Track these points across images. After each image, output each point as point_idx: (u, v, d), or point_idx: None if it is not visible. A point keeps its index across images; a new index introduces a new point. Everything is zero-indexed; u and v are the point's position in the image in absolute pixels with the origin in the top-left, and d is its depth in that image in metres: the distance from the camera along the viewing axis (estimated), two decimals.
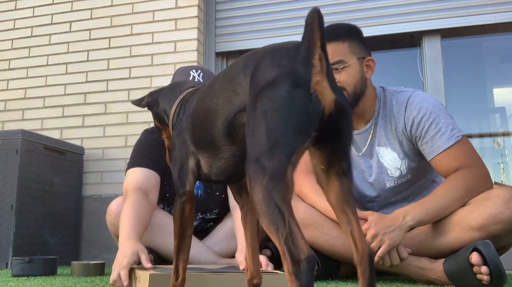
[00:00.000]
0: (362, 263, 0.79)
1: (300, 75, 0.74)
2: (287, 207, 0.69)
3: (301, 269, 0.64)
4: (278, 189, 0.70)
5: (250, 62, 0.84)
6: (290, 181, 0.71)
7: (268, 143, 0.71)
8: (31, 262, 1.99)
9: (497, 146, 3.26)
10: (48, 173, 2.78)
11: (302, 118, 0.72)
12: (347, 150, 0.83)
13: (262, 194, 0.70)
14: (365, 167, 1.83)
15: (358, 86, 1.73)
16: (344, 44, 1.72)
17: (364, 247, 0.79)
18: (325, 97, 0.75)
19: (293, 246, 0.66)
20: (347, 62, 1.71)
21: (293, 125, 0.72)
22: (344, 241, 1.61)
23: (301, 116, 0.72)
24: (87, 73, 3.30)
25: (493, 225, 1.43)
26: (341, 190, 0.83)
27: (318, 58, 0.75)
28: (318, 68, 0.75)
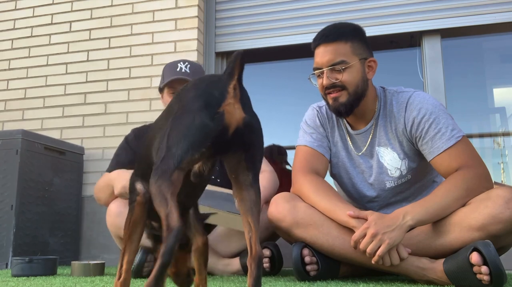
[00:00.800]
0: (252, 265, 0.94)
1: (212, 97, 0.94)
2: (170, 195, 0.89)
3: (169, 236, 0.86)
4: (165, 184, 0.90)
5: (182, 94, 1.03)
6: (176, 180, 0.91)
7: (166, 153, 0.93)
8: (31, 262, 1.99)
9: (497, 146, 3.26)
10: (48, 173, 2.78)
11: (198, 135, 0.91)
12: (254, 162, 0.99)
13: (154, 188, 0.91)
14: (365, 167, 1.84)
15: (360, 86, 1.73)
16: (346, 44, 1.72)
17: (256, 252, 0.95)
18: (233, 115, 0.93)
19: (170, 221, 0.87)
20: (349, 62, 1.71)
21: (187, 140, 0.91)
22: (344, 241, 1.61)
23: (197, 133, 0.91)
24: (87, 73, 3.30)
25: (493, 225, 1.43)
26: (246, 200, 0.99)
27: (233, 87, 0.94)
28: (231, 94, 0.94)
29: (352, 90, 1.72)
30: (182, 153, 0.91)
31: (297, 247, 1.66)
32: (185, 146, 0.91)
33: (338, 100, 1.74)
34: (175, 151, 0.92)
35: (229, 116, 0.93)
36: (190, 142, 0.91)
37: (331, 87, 1.73)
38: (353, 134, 1.84)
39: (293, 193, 1.77)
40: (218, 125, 0.92)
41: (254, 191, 0.99)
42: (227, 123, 0.93)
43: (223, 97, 0.93)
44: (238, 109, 0.94)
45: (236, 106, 0.94)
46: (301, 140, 1.88)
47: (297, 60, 3.53)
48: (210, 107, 0.92)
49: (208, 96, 0.94)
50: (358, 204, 1.90)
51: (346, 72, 1.71)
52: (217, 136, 0.93)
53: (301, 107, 2.60)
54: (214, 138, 0.92)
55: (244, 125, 0.94)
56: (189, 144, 0.91)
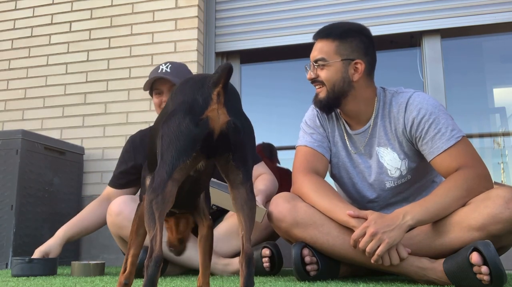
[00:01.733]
0: (242, 264, 0.97)
1: (196, 104, 0.98)
2: (159, 215, 0.93)
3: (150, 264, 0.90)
4: (156, 200, 0.93)
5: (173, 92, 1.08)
6: (168, 193, 0.94)
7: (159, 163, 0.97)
8: (31, 262, 1.99)
9: (497, 146, 3.26)
10: (48, 173, 2.78)
11: (185, 141, 0.95)
12: (243, 161, 1.01)
13: (147, 202, 0.95)
14: (364, 167, 1.84)
15: (336, 86, 1.76)
16: (332, 43, 1.77)
17: (247, 251, 0.97)
18: (217, 120, 0.97)
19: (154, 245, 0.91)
20: (327, 61, 1.76)
21: (176, 147, 0.95)
22: (344, 241, 1.61)
23: (184, 139, 0.95)
24: (87, 73, 3.30)
25: (493, 225, 1.43)
26: (237, 198, 1.02)
27: (216, 94, 0.98)
28: (215, 100, 0.98)
29: (330, 88, 1.78)
30: (173, 160, 0.95)
31: (297, 247, 1.66)
32: (175, 153, 0.95)
33: (318, 96, 1.82)
34: (166, 158, 0.96)
35: (213, 122, 0.97)
36: (178, 149, 0.95)
37: (314, 81, 1.82)
38: (351, 134, 1.85)
39: (293, 193, 1.77)
40: (203, 130, 0.96)
41: (245, 189, 1.01)
42: (211, 127, 0.97)
43: (206, 104, 0.98)
44: (222, 114, 0.98)
45: (221, 111, 0.98)
46: (301, 140, 1.88)
47: (296, 60, 3.53)
48: (194, 114, 0.97)
49: (193, 102, 0.98)
50: (358, 205, 1.90)
51: (324, 70, 1.78)
52: (204, 141, 0.97)
53: (301, 107, 2.60)
54: (201, 142, 0.96)
55: (228, 128, 0.98)
56: (177, 151, 0.95)
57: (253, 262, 0.97)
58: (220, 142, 0.98)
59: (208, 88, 0.99)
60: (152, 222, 0.93)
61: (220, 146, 0.99)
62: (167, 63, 2.21)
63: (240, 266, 0.97)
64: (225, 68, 0.98)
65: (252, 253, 0.98)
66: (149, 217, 0.93)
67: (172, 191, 0.95)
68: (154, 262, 0.90)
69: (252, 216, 1.01)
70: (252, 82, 3.56)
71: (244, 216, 1.01)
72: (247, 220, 1.00)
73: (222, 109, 0.99)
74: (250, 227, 1.00)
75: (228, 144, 0.99)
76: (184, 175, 0.98)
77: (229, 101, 1.00)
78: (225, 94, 1.00)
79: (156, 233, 0.91)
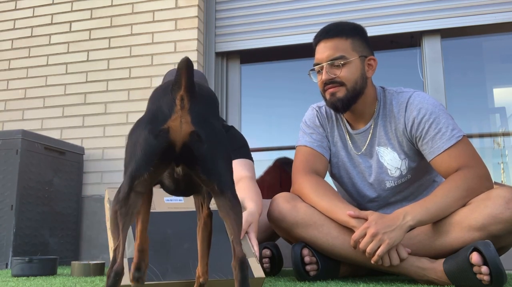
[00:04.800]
0: (236, 268, 0.94)
1: (160, 112, 0.92)
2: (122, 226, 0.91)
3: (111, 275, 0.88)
4: (120, 211, 0.92)
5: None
6: (132, 204, 0.92)
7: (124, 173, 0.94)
8: (31, 262, 1.99)
9: (497, 146, 3.26)
10: (48, 173, 2.78)
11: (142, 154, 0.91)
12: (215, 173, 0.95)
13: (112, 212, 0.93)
14: (364, 167, 1.84)
15: (358, 83, 1.74)
16: (346, 41, 1.74)
17: (238, 255, 0.94)
18: (179, 131, 0.90)
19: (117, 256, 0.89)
20: (348, 58, 1.72)
21: (135, 160, 0.92)
22: (344, 241, 1.61)
23: (142, 152, 0.91)
24: (87, 73, 3.30)
25: (493, 225, 1.43)
26: (221, 206, 0.97)
27: (180, 98, 0.91)
28: (178, 106, 0.91)
29: (351, 86, 1.73)
30: (132, 173, 0.91)
31: (297, 247, 1.66)
32: (134, 165, 0.91)
33: (336, 95, 1.74)
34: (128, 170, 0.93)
35: (174, 133, 0.90)
36: (137, 162, 0.91)
37: (330, 83, 1.74)
38: (352, 133, 1.85)
39: (293, 193, 1.77)
40: (161, 142, 0.90)
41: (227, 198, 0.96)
42: (171, 140, 0.90)
43: (170, 112, 0.91)
44: (185, 124, 0.90)
45: (184, 120, 0.90)
46: (301, 140, 1.88)
47: (297, 60, 3.53)
48: (155, 124, 0.91)
49: (156, 111, 0.93)
50: (358, 204, 1.90)
51: (345, 68, 1.72)
52: (164, 154, 0.91)
53: (301, 107, 2.60)
54: (159, 156, 0.90)
55: (191, 140, 0.91)
56: (136, 164, 0.91)
57: (246, 264, 0.94)
58: (184, 154, 0.92)
59: (171, 92, 0.91)
60: (116, 234, 0.91)
61: (184, 159, 0.93)
62: None
63: (234, 270, 0.94)
64: (182, 63, 0.88)
65: (244, 256, 0.95)
66: (114, 228, 0.92)
67: (136, 203, 0.92)
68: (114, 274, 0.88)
69: (239, 220, 0.97)
70: (252, 82, 3.56)
71: (231, 221, 0.97)
72: (234, 224, 0.97)
73: (186, 117, 0.90)
74: (238, 230, 0.96)
75: (193, 157, 0.92)
76: (148, 185, 0.94)
77: (196, 107, 0.92)
78: (190, 97, 0.91)
79: (119, 244, 0.90)
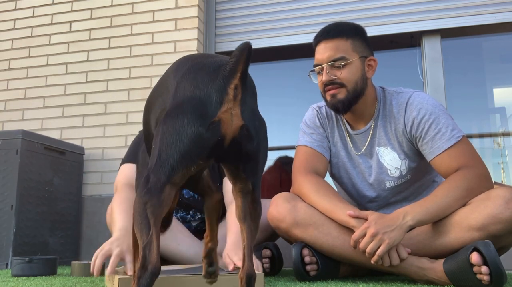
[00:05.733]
0: (242, 281, 0.88)
1: (210, 103, 0.83)
2: (154, 220, 0.79)
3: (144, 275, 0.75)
4: (152, 203, 0.80)
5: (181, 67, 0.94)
6: (166, 197, 0.82)
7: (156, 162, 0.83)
8: (31, 262, 1.99)
9: (497, 146, 3.26)
10: (48, 173, 2.78)
11: (191, 145, 0.82)
12: (254, 171, 0.90)
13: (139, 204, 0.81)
14: (364, 167, 1.84)
15: (358, 84, 1.74)
16: (347, 41, 1.73)
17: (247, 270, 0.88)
18: (230, 124, 0.83)
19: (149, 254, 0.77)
20: (348, 59, 1.72)
21: (179, 150, 0.82)
22: (344, 241, 1.61)
23: (190, 143, 0.82)
24: (87, 73, 3.30)
25: (493, 225, 1.43)
26: (242, 207, 0.92)
27: (234, 87, 0.83)
28: (231, 96, 0.83)
29: (351, 87, 1.73)
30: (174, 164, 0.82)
31: (297, 247, 1.66)
32: (177, 156, 0.82)
33: (336, 97, 1.74)
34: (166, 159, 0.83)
35: (225, 126, 0.83)
36: (182, 153, 0.82)
37: (330, 84, 1.74)
38: (352, 134, 1.84)
39: (293, 193, 1.77)
40: (213, 135, 0.83)
41: (252, 199, 0.92)
42: (222, 133, 0.83)
43: (220, 102, 0.83)
44: (236, 117, 0.84)
45: (234, 112, 0.84)
46: (301, 141, 1.88)
47: (297, 60, 3.52)
48: (205, 115, 0.82)
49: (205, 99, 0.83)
50: (358, 204, 1.90)
51: (346, 69, 1.72)
52: (212, 147, 0.84)
53: (301, 107, 2.60)
54: (209, 149, 0.83)
55: (241, 135, 0.85)
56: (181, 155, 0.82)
57: (254, 279, 0.88)
58: (231, 149, 0.85)
59: (223, 79, 0.83)
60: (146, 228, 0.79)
61: (230, 154, 0.87)
62: None
63: (240, 282, 0.88)
64: (243, 49, 0.81)
65: (254, 272, 0.89)
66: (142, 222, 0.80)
67: (171, 195, 0.83)
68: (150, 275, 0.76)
69: (255, 228, 0.92)
70: None
71: (247, 228, 0.91)
72: (249, 233, 0.91)
73: (236, 110, 0.84)
74: (252, 240, 0.91)
75: (240, 154, 0.87)
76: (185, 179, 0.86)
77: (245, 99, 0.86)
78: (243, 88, 0.84)
79: (151, 240, 0.78)
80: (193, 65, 0.91)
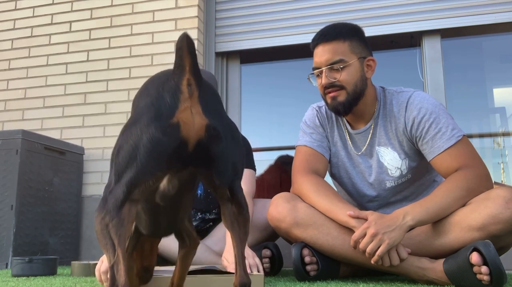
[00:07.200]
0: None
1: (164, 105, 0.76)
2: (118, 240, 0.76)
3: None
4: (113, 223, 0.76)
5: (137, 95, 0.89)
6: (126, 214, 0.77)
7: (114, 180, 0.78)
8: (31, 262, 1.99)
9: (497, 146, 3.26)
10: (48, 173, 2.78)
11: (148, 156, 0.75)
12: (228, 176, 0.82)
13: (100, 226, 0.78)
14: (365, 167, 1.84)
15: (358, 86, 1.73)
16: (345, 43, 1.73)
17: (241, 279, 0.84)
18: (192, 125, 0.75)
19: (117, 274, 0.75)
20: (347, 61, 1.71)
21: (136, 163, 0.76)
22: (344, 241, 1.61)
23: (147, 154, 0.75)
24: (87, 73, 3.30)
25: (493, 225, 1.43)
26: (227, 215, 0.87)
27: (187, 83, 0.76)
28: (186, 94, 0.76)
29: (351, 89, 1.72)
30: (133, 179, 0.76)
31: (297, 247, 1.66)
32: (135, 170, 0.75)
33: (337, 99, 1.74)
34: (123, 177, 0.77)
35: (186, 127, 0.75)
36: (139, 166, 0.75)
37: (330, 87, 1.73)
38: (352, 133, 1.84)
39: (293, 193, 1.77)
40: (172, 140, 0.75)
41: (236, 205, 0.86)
42: (184, 136, 0.75)
43: (176, 102, 0.75)
44: (197, 115, 0.76)
45: (195, 111, 0.76)
46: (301, 140, 1.88)
47: (297, 60, 3.53)
48: (160, 118, 0.75)
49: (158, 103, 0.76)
50: (358, 204, 1.90)
51: (345, 71, 1.71)
52: (173, 153, 0.76)
53: (301, 107, 2.60)
54: (169, 156, 0.75)
55: (207, 136, 0.77)
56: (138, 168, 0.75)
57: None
58: (197, 153, 0.77)
59: (174, 78, 0.77)
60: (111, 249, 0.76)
61: (196, 158, 0.78)
62: None
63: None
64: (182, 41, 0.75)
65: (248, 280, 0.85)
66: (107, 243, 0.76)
67: (131, 213, 0.77)
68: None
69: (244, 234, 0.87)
70: (252, 82, 3.56)
71: (236, 237, 0.86)
72: (238, 240, 0.86)
73: (196, 108, 0.76)
74: (242, 247, 0.86)
75: (208, 157, 0.78)
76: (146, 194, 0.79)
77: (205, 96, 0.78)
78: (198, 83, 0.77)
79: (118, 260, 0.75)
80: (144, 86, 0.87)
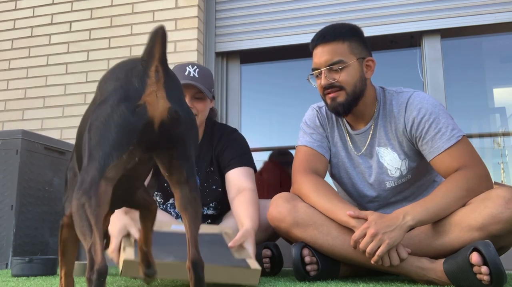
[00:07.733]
0: (190, 270, 0.88)
1: (132, 88, 0.83)
2: (95, 220, 0.77)
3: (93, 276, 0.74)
4: (89, 203, 0.78)
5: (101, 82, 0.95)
6: (103, 194, 0.79)
7: (88, 159, 0.81)
8: (31, 262, 1.99)
9: (497, 146, 3.26)
10: (48, 173, 2.78)
11: (119, 132, 0.81)
12: (186, 157, 0.89)
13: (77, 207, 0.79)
14: (365, 168, 1.84)
15: (358, 86, 1.73)
16: (344, 44, 1.73)
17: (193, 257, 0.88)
18: (156, 107, 0.83)
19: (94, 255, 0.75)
20: (346, 62, 1.71)
21: (108, 140, 0.81)
22: (344, 241, 1.61)
23: (118, 130, 0.81)
24: (87, 73, 3.30)
25: (493, 225, 1.43)
26: (181, 198, 0.91)
27: (155, 70, 0.84)
28: (153, 79, 0.83)
29: (350, 90, 1.72)
30: (104, 156, 0.80)
31: (297, 247, 1.66)
32: (107, 147, 0.80)
33: (336, 100, 1.74)
34: (96, 153, 0.81)
35: (152, 109, 0.83)
36: (111, 142, 0.81)
37: (329, 87, 1.74)
38: (352, 134, 1.85)
39: (293, 193, 1.77)
40: (140, 119, 0.82)
41: (189, 188, 0.91)
42: (150, 116, 0.83)
43: (143, 85, 0.83)
44: (161, 99, 0.84)
45: (159, 95, 0.84)
46: (301, 141, 1.88)
47: (297, 60, 3.53)
48: (129, 99, 0.82)
49: (127, 86, 0.84)
50: (358, 204, 1.90)
51: (344, 72, 1.71)
52: (142, 132, 0.83)
53: (301, 107, 2.60)
54: (138, 134, 0.83)
55: (169, 118, 0.85)
56: (110, 145, 0.81)
57: (202, 266, 0.89)
58: (161, 134, 0.85)
59: (143, 64, 0.84)
60: (88, 230, 0.77)
61: (160, 139, 0.86)
62: (194, 66, 1.99)
63: (188, 271, 0.89)
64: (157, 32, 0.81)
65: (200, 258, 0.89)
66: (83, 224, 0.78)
67: (107, 192, 0.81)
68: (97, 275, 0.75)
69: (197, 218, 0.92)
70: (252, 82, 3.56)
71: (189, 218, 0.91)
72: (191, 223, 0.90)
73: (161, 92, 0.84)
74: (195, 230, 0.91)
75: (170, 137, 0.86)
76: (119, 172, 0.83)
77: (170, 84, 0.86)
78: (164, 71, 0.85)
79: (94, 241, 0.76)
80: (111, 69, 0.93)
